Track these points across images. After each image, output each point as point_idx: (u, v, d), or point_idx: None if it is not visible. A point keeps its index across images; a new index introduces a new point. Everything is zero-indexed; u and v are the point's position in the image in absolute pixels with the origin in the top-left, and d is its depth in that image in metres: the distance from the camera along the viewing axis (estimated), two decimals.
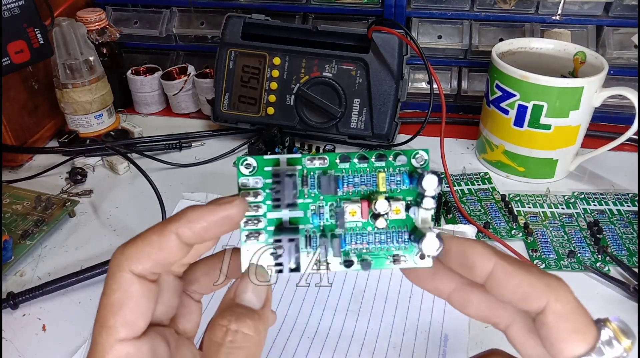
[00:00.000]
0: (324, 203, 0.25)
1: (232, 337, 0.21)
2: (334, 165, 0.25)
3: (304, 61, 0.63)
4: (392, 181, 0.25)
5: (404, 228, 0.25)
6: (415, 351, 0.41)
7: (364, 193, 0.25)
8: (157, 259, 0.23)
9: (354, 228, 0.25)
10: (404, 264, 0.25)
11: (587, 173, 0.62)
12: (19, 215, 0.55)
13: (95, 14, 0.69)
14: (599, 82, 0.55)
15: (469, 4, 0.70)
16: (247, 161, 0.24)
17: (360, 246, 0.25)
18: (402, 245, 0.25)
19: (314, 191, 0.24)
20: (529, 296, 0.21)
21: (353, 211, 0.24)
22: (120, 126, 0.71)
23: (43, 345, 0.43)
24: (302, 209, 0.25)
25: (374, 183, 0.25)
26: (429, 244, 0.23)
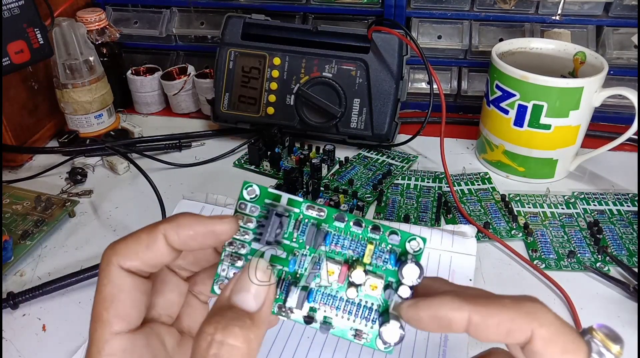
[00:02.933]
0: (307, 253, 0.24)
1: (217, 349, 0.19)
2: (330, 220, 0.24)
3: (304, 61, 0.63)
4: (379, 256, 0.24)
5: (377, 306, 0.24)
6: (415, 351, 0.41)
7: (349, 257, 0.24)
8: (144, 258, 0.23)
9: (328, 289, 0.24)
10: (365, 342, 0.24)
11: (587, 173, 0.62)
12: (19, 215, 0.55)
13: (95, 14, 0.69)
14: (599, 82, 0.55)
15: (469, 4, 0.70)
16: (251, 187, 0.24)
17: (327, 308, 0.24)
18: (368, 322, 0.24)
19: (302, 238, 0.24)
20: (512, 332, 0.21)
21: (331, 271, 0.24)
22: (120, 126, 0.71)
23: (43, 345, 0.43)
24: (286, 250, 0.24)
25: (361, 251, 0.24)
26: (389, 332, 0.23)
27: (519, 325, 0.21)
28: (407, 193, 0.58)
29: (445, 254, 0.49)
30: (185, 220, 0.23)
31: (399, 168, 0.63)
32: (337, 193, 0.58)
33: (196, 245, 0.23)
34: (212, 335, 0.20)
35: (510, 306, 0.21)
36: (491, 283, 0.47)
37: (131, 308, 0.23)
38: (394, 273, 0.24)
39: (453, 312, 0.21)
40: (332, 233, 0.24)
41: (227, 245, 0.24)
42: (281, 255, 0.24)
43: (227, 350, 0.20)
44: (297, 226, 0.24)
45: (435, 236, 0.51)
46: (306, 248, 0.24)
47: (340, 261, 0.24)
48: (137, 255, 0.23)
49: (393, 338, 0.23)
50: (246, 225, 0.24)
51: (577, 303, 0.45)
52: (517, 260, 0.50)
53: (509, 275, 0.48)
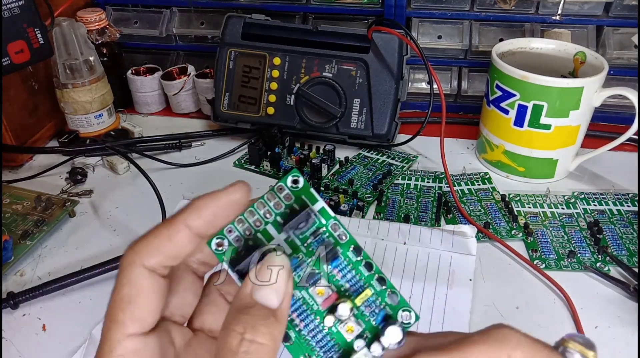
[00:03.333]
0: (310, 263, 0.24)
1: (247, 347, 0.20)
2: (346, 247, 0.24)
3: (304, 61, 0.63)
4: (369, 306, 0.24)
5: (341, 348, 0.24)
6: None
7: (342, 289, 0.24)
8: (167, 252, 0.23)
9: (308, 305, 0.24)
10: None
11: (587, 173, 0.62)
12: (19, 215, 0.55)
13: (95, 14, 0.69)
14: (599, 82, 0.55)
15: (469, 4, 0.70)
16: (298, 177, 0.24)
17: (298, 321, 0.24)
18: (324, 355, 0.24)
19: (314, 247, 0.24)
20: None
21: (321, 291, 0.24)
22: (120, 126, 0.71)
23: (43, 345, 0.43)
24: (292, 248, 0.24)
25: (357, 291, 0.24)
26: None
27: (494, 355, 0.20)
28: (407, 193, 0.58)
29: (445, 254, 0.49)
30: (202, 202, 0.23)
31: (399, 168, 0.62)
32: (337, 193, 0.58)
33: (219, 222, 0.23)
34: (242, 334, 0.20)
35: (481, 342, 0.21)
36: (491, 283, 0.47)
37: (147, 311, 0.23)
38: (373, 328, 0.24)
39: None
40: (341, 260, 0.24)
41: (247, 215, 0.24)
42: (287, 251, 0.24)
43: (256, 347, 0.20)
44: (315, 235, 0.24)
45: (435, 237, 0.51)
46: (310, 259, 0.24)
47: (333, 288, 0.24)
48: (158, 250, 0.23)
49: None
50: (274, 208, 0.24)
51: (577, 303, 0.45)
52: (517, 260, 0.50)
53: (509, 275, 0.48)
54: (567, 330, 0.22)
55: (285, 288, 0.22)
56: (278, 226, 0.24)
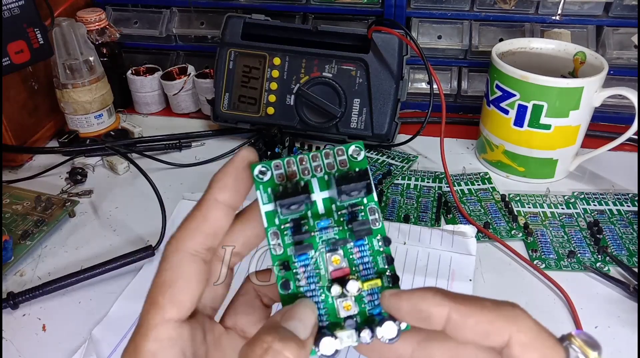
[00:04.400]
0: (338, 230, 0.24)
1: (272, 356, 0.20)
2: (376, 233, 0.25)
3: (304, 61, 0.63)
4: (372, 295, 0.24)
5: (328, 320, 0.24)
6: None
7: (354, 269, 0.25)
8: (205, 230, 0.23)
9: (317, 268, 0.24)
10: None
11: (587, 173, 0.62)
12: (19, 215, 0.55)
13: (95, 14, 0.69)
14: (599, 82, 0.55)
15: (469, 4, 0.70)
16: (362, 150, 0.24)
17: (301, 278, 0.24)
18: None
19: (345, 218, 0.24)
20: (490, 333, 0.21)
21: (337, 260, 0.24)
22: (120, 126, 0.71)
23: (43, 345, 0.43)
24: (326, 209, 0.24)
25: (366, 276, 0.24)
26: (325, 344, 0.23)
27: (497, 328, 0.21)
28: (407, 193, 0.58)
29: (445, 254, 0.49)
30: (221, 174, 0.24)
31: (399, 168, 0.62)
32: None
33: (245, 186, 0.24)
34: (270, 344, 0.20)
35: (491, 309, 0.21)
36: (491, 283, 0.47)
37: (187, 296, 0.23)
38: (365, 316, 0.24)
39: (433, 307, 0.22)
40: (365, 243, 0.25)
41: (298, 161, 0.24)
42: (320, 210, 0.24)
43: None
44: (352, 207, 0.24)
45: (435, 237, 0.51)
46: (338, 228, 0.24)
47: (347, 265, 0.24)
48: (197, 230, 0.23)
49: (327, 350, 0.23)
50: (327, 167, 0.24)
51: (577, 303, 0.45)
52: (517, 260, 0.50)
53: (509, 275, 0.48)
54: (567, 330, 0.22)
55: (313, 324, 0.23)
56: (323, 184, 0.24)
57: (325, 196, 0.24)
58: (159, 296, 0.23)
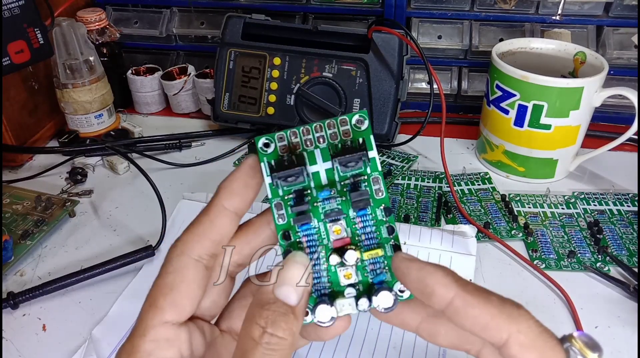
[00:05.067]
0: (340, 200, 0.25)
1: (268, 339, 0.21)
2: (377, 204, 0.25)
3: (304, 61, 0.63)
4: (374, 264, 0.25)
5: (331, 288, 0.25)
6: (415, 351, 0.41)
7: (355, 238, 0.25)
8: (212, 236, 0.24)
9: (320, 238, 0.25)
10: None
11: (587, 173, 0.62)
12: (19, 215, 0.55)
13: (95, 14, 0.69)
14: (599, 82, 0.55)
15: (469, 4, 0.70)
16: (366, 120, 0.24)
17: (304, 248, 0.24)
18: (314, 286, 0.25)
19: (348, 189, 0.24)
20: (489, 328, 0.21)
21: (338, 230, 0.24)
22: (120, 126, 0.71)
23: (43, 345, 0.43)
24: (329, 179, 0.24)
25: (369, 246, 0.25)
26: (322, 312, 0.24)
27: (497, 324, 0.21)
28: (407, 193, 0.58)
29: (446, 254, 0.49)
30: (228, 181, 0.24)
31: (399, 168, 0.62)
32: None
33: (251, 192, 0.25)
34: (264, 328, 0.21)
35: (495, 305, 0.21)
36: (491, 283, 0.47)
37: (187, 300, 0.24)
38: (368, 284, 0.25)
39: (440, 286, 0.22)
40: (368, 213, 0.25)
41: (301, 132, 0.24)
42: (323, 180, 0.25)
43: (276, 340, 0.21)
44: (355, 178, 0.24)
45: (435, 236, 0.51)
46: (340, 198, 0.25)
47: (349, 232, 0.25)
48: (204, 235, 0.24)
49: (323, 317, 0.24)
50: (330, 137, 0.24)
51: (577, 303, 0.45)
52: (517, 260, 0.50)
53: (509, 275, 0.48)
54: (567, 330, 0.22)
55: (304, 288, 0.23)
56: (326, 154, 0.24)
57: (328, 166, 0.25)
58: (160, 298, 0.23)
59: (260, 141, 0.24)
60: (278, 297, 0.22)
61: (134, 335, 0.23)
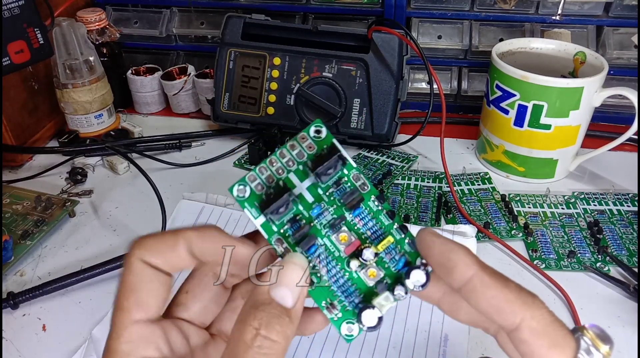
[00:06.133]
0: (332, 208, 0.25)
1: (260, 342, 0.21)
2: (368, 197, 0.25)
3: (304, 61, 0.63)
4: (390, 253, 0.25)
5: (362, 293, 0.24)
6: (415, 351, 0.41)
7: (363, 237, 0.25)
8: (166, 258, 0.24)
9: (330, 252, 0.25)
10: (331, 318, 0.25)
11: (587, 173, 0.62)
12: (19, 215, 0.55)
13: (95, 14, 0.69)
14: (599, 82, 0.55)
15: (469, 4, 0.70)
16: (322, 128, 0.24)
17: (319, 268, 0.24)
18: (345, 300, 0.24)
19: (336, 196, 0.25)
20: (503, 311, 0.21)
21: (344, 237, 0.24)
22: (120, 126, 0.71)
23: (43, 345, 0.43)
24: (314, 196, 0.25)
25: (378, 238, 0.25)
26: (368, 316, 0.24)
27: (512, 308, 0.21)
28: (407, 193, 0.58)
29: None
30: (210, 234, 0.24)
31: (399, 168, 0.62)
32: None
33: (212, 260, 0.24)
34: (258, 330, 0.21)
35: (512, 290, 0.22)
36: None
37: (150, 297, 0.24)
38: (393, 274, 0.25)
39: (461, 263, 0.22)
40: (363, 209, 0.25)
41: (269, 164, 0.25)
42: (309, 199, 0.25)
43: (269, 343, 0.21)
44: (337, 184, 0.25)
45: None
46: (332, 207, 0.25)
47: (355, 236, 0.25)
48: (160, 253, 0.24)
49: (370, 322, 0.24)
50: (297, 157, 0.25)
51: (577, 303, 0.45)
52: (517, 260, 0.50)
53: (509, 275, 0.47)
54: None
55: (301, 289, 0.23)
56: (301, 175, 0.25)
57: (308, 184, 0.25)
58: (124, 300, 0.23)
59: (234, 189, 0.24)
60: (274, 298, 0.22)
61: (110, 340, 0.23)
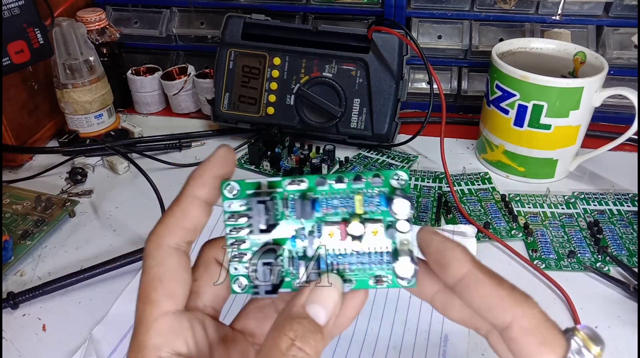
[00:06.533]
0: (304, 226, 0.25)
1: (295, 352, 0.21)
2: (313, 188, 0.24)
3: (304, 61, 0.63)
4: (371, 203, 0.24)
5: (385, 248, 0.24)
6: (415, 351, 0.41)
7: (344, 214, 0.25)
8: (185, 226, 0.24)
9: (336, 249, 0.25)
10: (387, 285, 0.25)
11: (587, 173, 0.62)
12: (19, 215, 0.55)
13: (95, 14, 0.69)
14: (599, 82, 0.55)
15: (469, 4, 0.70)
16: (230, 185, 0.24)
17: (342, 267, 0.24)
18: (383, 265, 0.24)
19: (294, 214, 0.24)
20: (495, 309, 0.22)
21: (331, 233, 0.24)
22: (120, 126, 0.71)
23: (43, 345, 0.43)
24: (283, 230, 0.25)
25: (352, 205, 0.24)
26: (402, 268, 0.24)
27: (503, 306, 0.21)
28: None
29: None
30: (200, 170, 0.24)
31: (399, 168, 0.62)
32: None
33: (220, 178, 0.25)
34: (293, 341, 0.21)
35: (505, 288, 0.22)
36: None
37: (178, 286, 0.24)
38: (388, 213, 0.24)
39: (456, 260, 0.22)
40: (320, 199, 0.24)
41: (229, 246, 0.25)
42: (282, 236, 0.25)
43: (302, 355, 0.21)
44: (286, 204, 0.24)
45: None
46: (302, 222, 0.25)
47: (337, 221, 0.24)
48: (177, 226, 0.24)
49: (407, 272, 0.24)
50: (238, 221, 0.24)
51: (577, 303, 0.45)
52: (517, 260, 0.50)
53: (509, 275, 0.47)
54: None
55: (334, 308, 0.23)
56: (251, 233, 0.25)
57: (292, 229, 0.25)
58: (152, 292, 0.23)
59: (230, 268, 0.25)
60: (308, 313, 0.22)
61: (138, 334, 0.23)
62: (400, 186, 0.24)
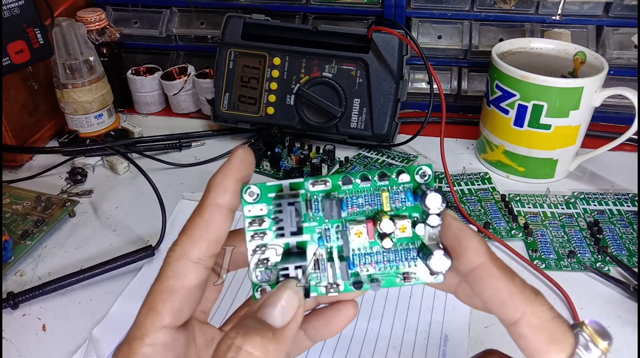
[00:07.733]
0: (329, 226, 0.24)
1: (234, 353, 0.20)
2: (337, 187, 0.24)
3: (304, 61, 0.63)
4: (396, 199, 0.24)
5: (413, 245, 0.25)
6: (415, 351, 0.41)
7: (369, 212, 0.24)
8: (209, 236, 0.23)
9: (361, 249, 0.24)
10: (415, 281, 0.25)
11: (587, 173, 0.62)
12: (19, 215, 0.55)
13: (95, 14, 0.69)
14: (599, 82, 0.55)
15: (469, 4, 0.70)
16: (250, 189, 0.24)
17: (369, 267, 0.24)
18: (411, 262, 0.24)
19: (319, 215, 0.24)
20: (505, 304, 0.22)
21: (359, 232, 0.24)
22: (120, 126, 0.71)
23: (43, 345, 0.43)
24: (308, 232, 0.24)
25: (378, 202, 0.24)
26: (437, 262, 0.23)
27: (514, 302, 0.21)
28: None
29: None
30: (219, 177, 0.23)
31: (399, 167, 0.62)
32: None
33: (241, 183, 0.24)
34: (233, 340, 0.20)
35: (517, 285, 0.22)
36: None
37: (186, 305, 0.23)
38: (415, 208, 0.24)
39: (471, 250, 0.22)
40: (345, 198, 0.24)
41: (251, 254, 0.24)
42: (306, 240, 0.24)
43: (243, 355, 0.20)
44: (310, 206, 0.24)
45: None
46: (326, 222, 0.24)
47: (362, 220, 0.24)
48: (201, 237, 0.23)
49: (443, 266, 0.23)
50: (261, 226, 0.24)
51: (577, 303, 0.45)
52: (517, 260, 0.50)
53: None
54: None
55: (294, 312, 0.22)
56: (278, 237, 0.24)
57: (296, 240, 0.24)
58: (160, 302, 0.23)
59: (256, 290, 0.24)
60: (261, 317, 0.21)
61: (132, 338, 0.23)
62: (423, 181, 0.24)
